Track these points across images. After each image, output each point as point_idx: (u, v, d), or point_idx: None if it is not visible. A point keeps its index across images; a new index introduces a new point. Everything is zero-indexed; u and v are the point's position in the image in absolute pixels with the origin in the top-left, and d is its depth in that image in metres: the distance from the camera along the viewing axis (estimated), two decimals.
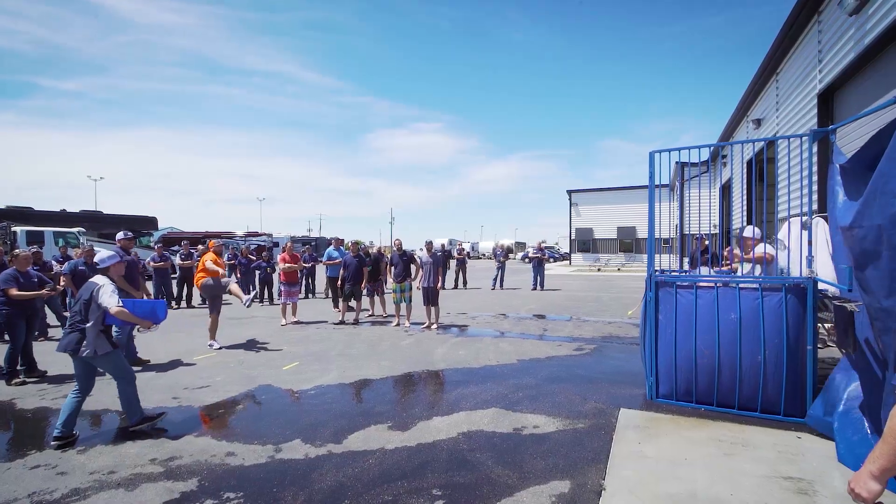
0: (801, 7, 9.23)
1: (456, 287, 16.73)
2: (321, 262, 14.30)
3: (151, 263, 11.71)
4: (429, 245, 8.69)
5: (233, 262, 14.48)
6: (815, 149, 6.71)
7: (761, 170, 12.71)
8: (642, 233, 32.77)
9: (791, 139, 4.21)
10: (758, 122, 14.09)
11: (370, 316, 10.09)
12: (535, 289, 16.01)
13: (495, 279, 16.55)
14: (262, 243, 36.75)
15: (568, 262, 37.55)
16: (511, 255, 49.41)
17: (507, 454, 3.51)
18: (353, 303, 9.58)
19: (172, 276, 12.67)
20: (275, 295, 13.19)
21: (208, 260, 7.27)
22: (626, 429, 3.93)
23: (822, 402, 3.81)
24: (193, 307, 12.13)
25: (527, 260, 23.85)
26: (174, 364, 6.26)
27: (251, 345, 7.43)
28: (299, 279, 10.19)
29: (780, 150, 11.15)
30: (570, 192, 35.64)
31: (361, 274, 9.50)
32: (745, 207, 14.99)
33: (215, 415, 4.44)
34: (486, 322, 9.43)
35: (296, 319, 9.41)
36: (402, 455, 3.51)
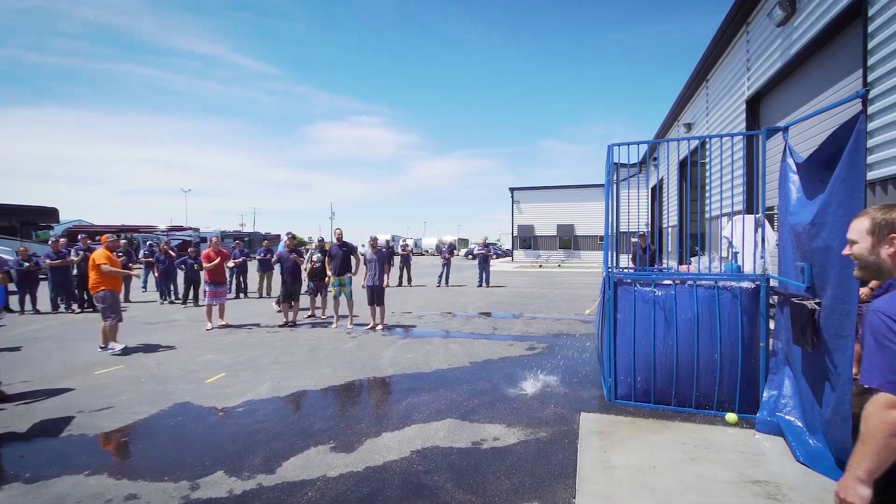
0: (732, 16, 9.71)
1: (400, 284, 16.23)
2: (254, 258, 13.24)
3: (47, 261, 10.13)
4: (373, 241, 8.16)
5: (149, 258, 13.00)
6: (753, 147, 7.03)
7: (691, 171, 13.38)
8: (581, 230, 34.03)
9: (746, 135, 4.20)
10: (688, 126, 14.88)
11: (310, 317, 9.36)
12: (480, 286, 15.90)
13: (441, 276, 16.26)
14: (188, 238, 33.90)
15: (510, 258, 38.23)
16: (455, 252, 49.60)
17: (468, 474, 3.15)
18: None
19: (76, 274, 11.08)
20: (201, 295, 11.96)
21: (101, 259, 6.24)
22: (590, 436, 3.72)
23: (767, 405, 3.83)
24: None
25: (471, 257, 23.79)
26: (67, 381, 5.28)
27: (168, 354, 6.52)
28: (227, 278, 9.21)
29: (713, 151, 11.76)
30: (512, 190, 36.21)
31: (299, 271, 8.79)
32: (678, 207, 15.82)
33: (116, 445, 3.69)
34: (434, 321, 9.07)
35: (224, 323, 8.49)
36: (348, 483, 3.04)
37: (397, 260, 16.79)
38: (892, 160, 4.74)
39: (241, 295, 13.02)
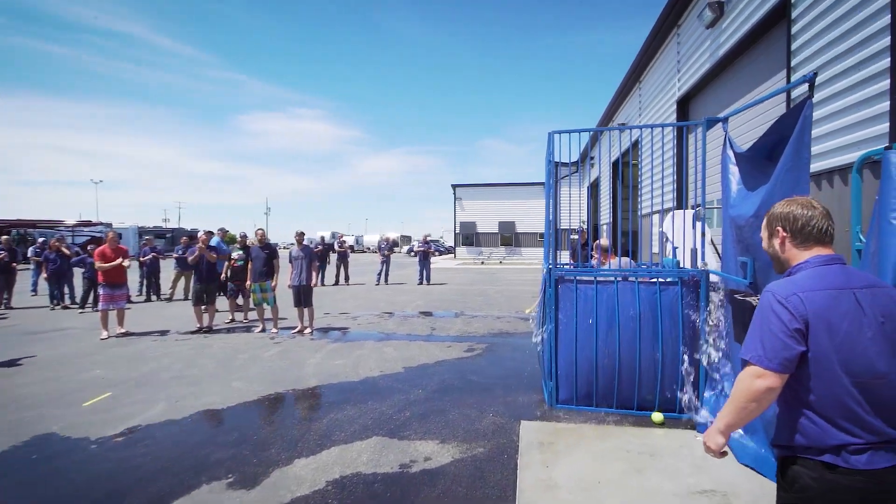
0: (664, 18, 9.95)
1: (337, 283, 15.40)
2: (173, 256, 11.86)
3: None
4: (299, 237, 7.42)
5: (38, 258, 11.27)
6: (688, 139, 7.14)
7: (623, 171, 13.76)
8: (521, 227, 34.61)
9: (686, 125, 4.06)
10: (622, 126, 15.35)
11: (230, 322, 8.43)
12: (421, 283, 15.46)
13: (380, 274, 15.62)
14: (99, 234, 30.44)
15: (453, 255, 38.15)
16: (396, 249, 48.81)
17: None
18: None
19: None
20: None
21: None
22: (531, 449, 3.39)
23: (707, 404, 3.72)
24: None
25: (412, 254, 23.18)
26: None
27: (45, 371, 5.45)
28: (127, 279, 7.97)
29: (643, 149, 12.11)
30: (454, 187, 36.10)
31: (214, 270, 7.85)
32: (612, 204, 16.30)
33: None
34: (370, 322, 8.50)
35: (123, 331, 7.38)
36: None
37: (334, 257, 15.88)
38: (826, 154, 4.84)
39: (155, 297, 11.64)
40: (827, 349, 1.29)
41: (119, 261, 7.23)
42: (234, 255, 8.13)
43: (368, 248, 58.35)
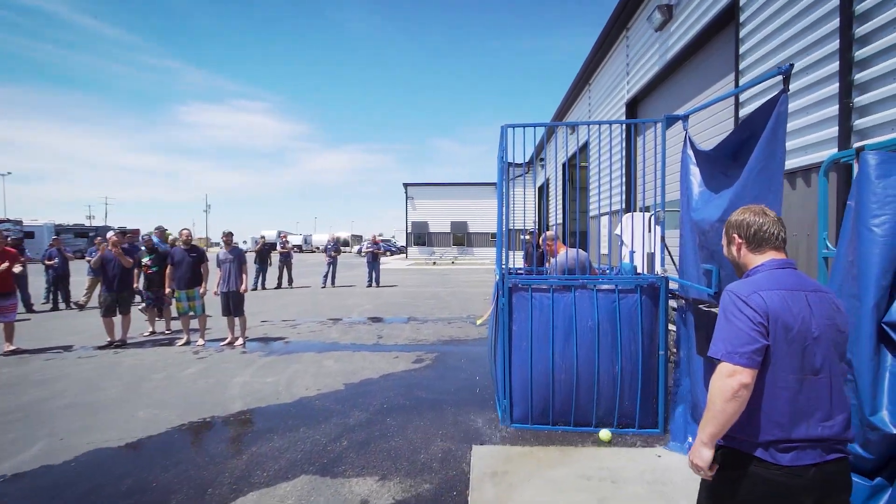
0: (613, 22, 9.99)
1: (280, 286, 14.43)
2: (87, 259, 10.51)
3: None
4: (227, 237, 6.63)
5: None
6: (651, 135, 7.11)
7: (573, 173, 13.86)
8: (474, 227, 34.62)
9: (646, 123, 3.84)
10: (573, 128, 15.50)
11: (150, 334, 7.46)
12: (370, 286, 14.83)
13: (326, 276, 14.82)
14: (5, 232, 27.08)
15: (405, 255, 37.56)
16: (346, 249, 47.50)
17: None
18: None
19: None
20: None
21: None
22: (483, 482, 3.01)
23: (673, 421, 3.51)
24: None
25: (361, 254, 22.25)
26: None
27: None
28: (15, 287, 6.82)
29: (591, 151, 12.17)
30: (406, 186, 35.52)
31: (129, 276, 6.90)
32: (563, 206, 16.43)
33: None
34: (312, 331, 7.84)
35: (12, 348, 6.29)
36: None
37: (276, 258, 14.86)
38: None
39: (64, 306, 10.28)
40: (782, 346, 1.37)
41: (4, 266, 6.13)
42: (145, 260, 7.15)
43: (318, 248, 56.47)
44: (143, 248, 7.43)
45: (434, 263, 30.11)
